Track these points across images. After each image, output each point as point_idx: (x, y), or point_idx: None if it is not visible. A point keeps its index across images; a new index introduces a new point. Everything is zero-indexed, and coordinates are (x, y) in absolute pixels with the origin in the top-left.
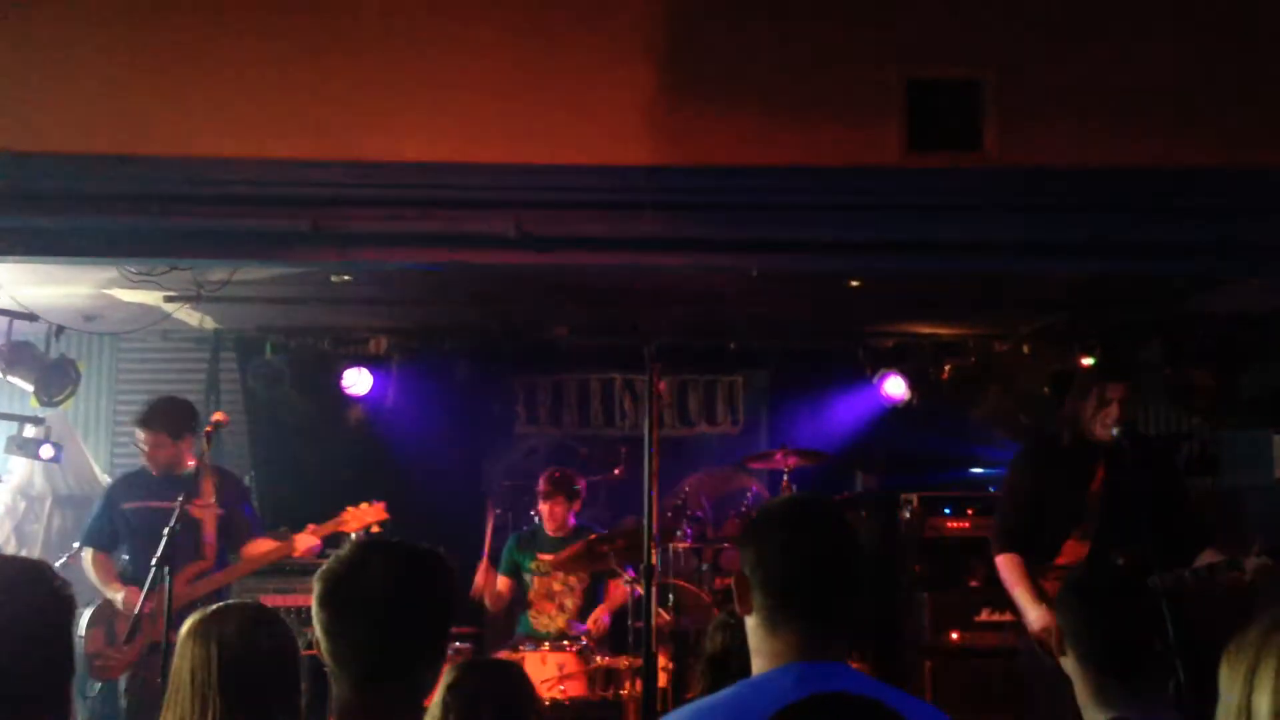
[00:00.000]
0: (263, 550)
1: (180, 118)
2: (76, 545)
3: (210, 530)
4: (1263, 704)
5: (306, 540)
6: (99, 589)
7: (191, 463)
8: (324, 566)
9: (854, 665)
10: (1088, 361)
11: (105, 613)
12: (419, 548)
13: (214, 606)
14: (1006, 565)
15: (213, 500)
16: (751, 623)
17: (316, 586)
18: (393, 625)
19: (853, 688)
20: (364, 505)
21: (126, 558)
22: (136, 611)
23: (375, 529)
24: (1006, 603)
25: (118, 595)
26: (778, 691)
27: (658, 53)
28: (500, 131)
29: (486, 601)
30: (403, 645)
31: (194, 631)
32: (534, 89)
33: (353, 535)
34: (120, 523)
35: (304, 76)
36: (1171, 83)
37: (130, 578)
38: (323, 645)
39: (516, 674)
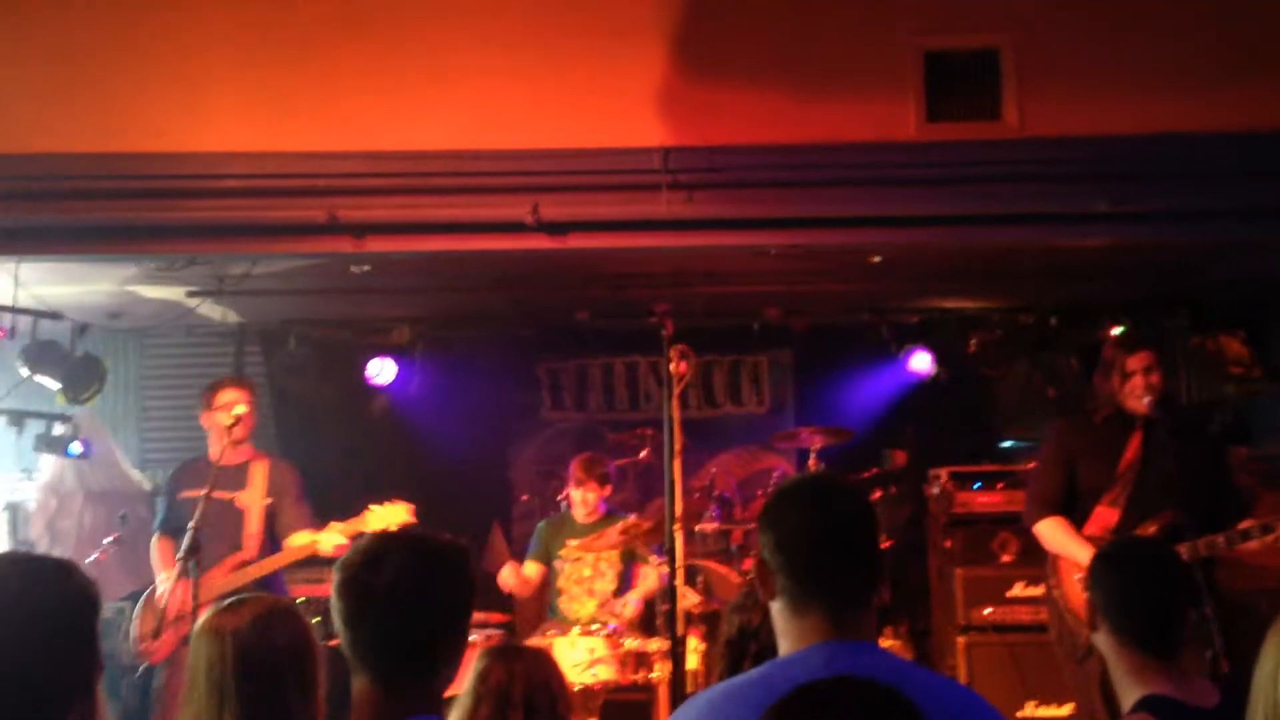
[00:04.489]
0: (298, 545)
1: (195, 113)
2: (106, 540)
3: (255, 522)
4: None
5: (332, 539)
6: (158, 573)
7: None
8: (343, 556)
9: (886, 643)
10: (1116, 332)
11: (158, 600)
12: (438, 540)
13: (228, 600)
14: (1051, 528)
15: (263, 491)
16: (776, 606)
17: (335, 576)
18: (407, 617)
19: (880, 669)
20: (388, 504)
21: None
22: (163, 608)
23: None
24: (1039, 577)
25: (167, 580)
26: (807, 671)
27: (670, 33)
28: (514, 117)
29: (516, 591)
30: (417, 637)
31: (208, 627)
32: (548, 73)
33: None
34: (181, 511)
35: (318, 68)
36: (1191, 47)
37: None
38: (341, 635)
39: (545, 659)
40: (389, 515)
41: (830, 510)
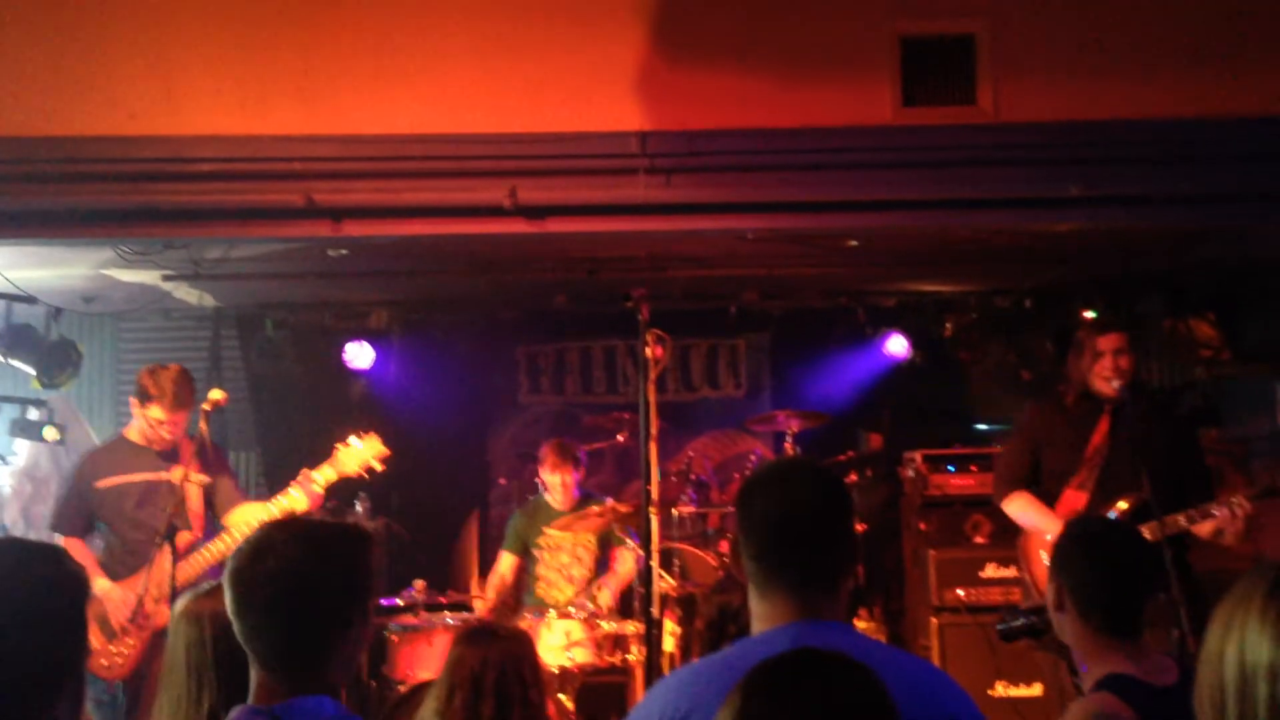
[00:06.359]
0: (253, 515)
1: (170, 96)
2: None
3: (195, 500)
4: (1230, 652)
5: (305, 486)
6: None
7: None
8: (236, 545)
9: (861, 625)
10: (1089, 315)
11: (95, 609)
12: (331, 526)
13: (206, 585)
14: (1017, 501)
15: (196, 468)
16: (749, 587)
17: (227, 565)
18: (290, 607)
19: (846, 647)
20: (351, 442)
21: (101, 544)
22: (139, 594)
23: (378, 467)
24: (1011, 558)
25: (104, 587)
26: (772, 651)
27: (648, 17)
28: (492, 100)
29: (496, 591)
30: (303, 626)
31: (186, 611)
32: (525, 57)
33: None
34: (95, 503)
35: (294, 51)
36: (1165, 33)
37: (108, 565)
38: (233, 624)
39: (521, 642)
40: (359, 453)
41: (793, 494)
